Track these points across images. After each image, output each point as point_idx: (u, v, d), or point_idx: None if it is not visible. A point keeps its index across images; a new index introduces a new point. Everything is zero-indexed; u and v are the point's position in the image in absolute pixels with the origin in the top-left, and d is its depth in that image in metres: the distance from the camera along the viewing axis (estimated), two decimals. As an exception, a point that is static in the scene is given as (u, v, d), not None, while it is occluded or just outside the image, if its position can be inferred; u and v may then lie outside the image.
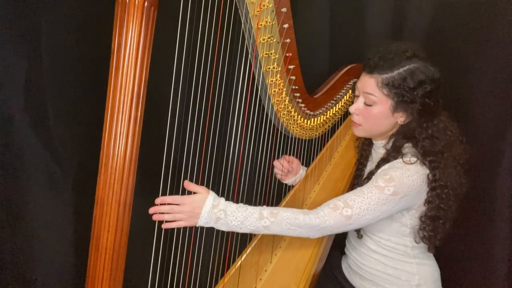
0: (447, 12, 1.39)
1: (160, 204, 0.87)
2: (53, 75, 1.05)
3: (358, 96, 1.05)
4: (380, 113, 1.01)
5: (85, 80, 1.12)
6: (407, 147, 1.02)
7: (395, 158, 1.00)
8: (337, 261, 1.24)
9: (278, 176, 1.31)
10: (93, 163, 0.77)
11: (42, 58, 1.02)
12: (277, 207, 0.98)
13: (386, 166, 0.99)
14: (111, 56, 0.70)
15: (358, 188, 0.98)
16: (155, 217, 0.87)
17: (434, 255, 1.12)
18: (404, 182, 0.94)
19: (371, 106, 1.01)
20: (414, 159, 0.97)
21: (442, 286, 1.12)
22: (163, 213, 0.87)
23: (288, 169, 1.31)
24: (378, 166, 1.02)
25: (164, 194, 0.84)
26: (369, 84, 1.00)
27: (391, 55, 0.97)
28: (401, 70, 0.96)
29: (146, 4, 0.68)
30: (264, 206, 0.96)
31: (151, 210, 0.87)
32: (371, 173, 1.03)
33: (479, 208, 1.31)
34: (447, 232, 1.02)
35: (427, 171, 0.97)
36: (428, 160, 0.97)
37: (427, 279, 1.07)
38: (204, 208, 0.89)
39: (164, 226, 0.88)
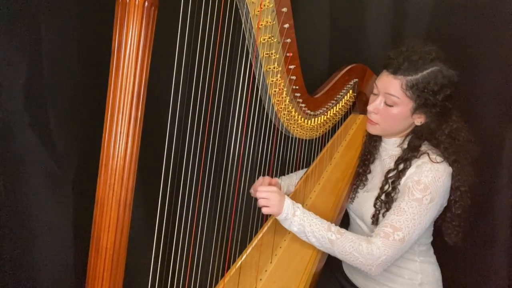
0: (447, 12, 1.39)
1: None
2: (53, 75, 1.05)
3: (376, 95, 1.04)
4: (399, 114, 1.01)
5: (85, 80, 1.11)
6: (424, 145, 1.03)
7: (415, 157, 1.00)
8: (337, 260, 1.23)
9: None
10: (93, 163, 0.77)
11: (42, 58, 1.02)
12: (342, 228, 1.02)
13: (413, 170, 0.99)
14: (111, 56, 0.70)
15: (395, 206, 0.98)
16: (254, 193, 1.09)
17: (435, 255, 1.12)
18: (437, 186, 0.95)
19: (392, 106, 1.01)
20: (439, 158, 0.98)
21: (443, 286, 1.12)
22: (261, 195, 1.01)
23: None
24: (397, 164, 1.03)
25: (164, 194, 0.84)
26: (392, 85, 0.99)
27: (416, 57, 0.97)
28: (425, 72, 0.96)
29: (146, 4, 0.67)
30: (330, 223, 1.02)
31: (254, 189, 1.12)
32: (388, 172, 1.04)
33: (479, 208, 1.31)
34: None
35: (451, 169, 0.98)
36: (452, 160, 0.99)
37: (430, 278, 1.07)
38: (286, 201, 1.01)
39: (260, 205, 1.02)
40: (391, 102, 1.00)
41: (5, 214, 1.03)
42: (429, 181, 0.95)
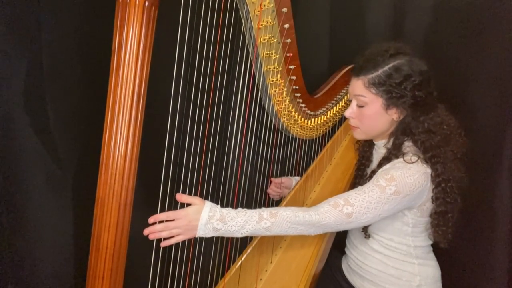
0: (447, 12, 1.39)
1: (155, 223, 0.86)
2: (54, 75, 1.05)
3: (351, 101, 1.07)
4: (373, 113, 1.02)
5: (86, 80, 1.12)
6: (408, 146, 1.02)
7: (397, 157, 1.00)
8: (337, 261, 1.24)
9: (277, 198, 1.37)
10: (94, 163, 0.77)
11: (42, 58, 1.02)
12: (276, 207, 0.98)
13: (388, 165, 0.99)
14: (111, 56, 0.70)
15: (360, 187, 0.98)
16: (151, 237, 0.85)
17: (435, 255, 1.12)
18: (406, 181, 0.94)
19: (364, 107, 1.03)
20: (415, 158, 0.97)
21: (442, 286, 1.12)
22: (160, 231, 0.86)
23: (283, 187, 1.36)
24: (380, 165, 1.03)
25: (164, 193, 0.84)
26: (357, 86, 1.02)
27: (373, 56, 1.00)
28: (386, 68, 0.98)
29: (146, 4, 0.68)
30: (263, 208, 0.96)
31: (146, 231, 0.86)
32: (373, 172, 1.03)
33: (479, 208, 1.31)
34: (456, 224, 1.03)
35: (429, 170, 0.97)
36: (428, 156, 0.97)
37: (428, 280, 1.07)
38: (201, 221, 0.88)
39: (162, 244, 0.86)
40: (361, 103, 1.03)
41: (5, 214, 1.03)
42: (397, 174, 0.94)
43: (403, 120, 1.02)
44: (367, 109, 1.02)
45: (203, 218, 0.88)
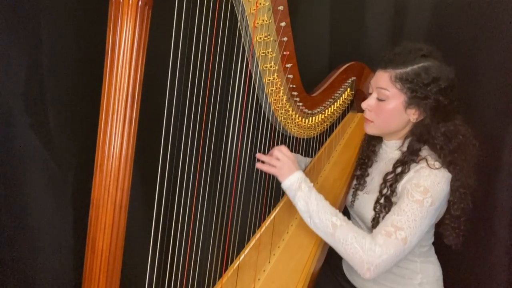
0: (448, 12, 1.38)
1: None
2: (53, 75, 1.05)
3: (371, 94, 1.05)
4: (393, 108, 1.00)
5: (85, 80, 1.11)
6: (425, 150, 1.01)
7: (414, 161, 0.99)
8: (337, 261, 1.23)
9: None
10: (92, 164, 0.76)
11: (42, 58, 1.02)
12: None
13: (411, 173, 0.98)
14: (105, 57, 0.69)
15: (395, 208, 0.95)
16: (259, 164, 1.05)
17: (436, 254, 1.12)
18: (437, 190, 0.93)
19: (384, 101, 1.01)
20: (438, 164, 0.96)
21: (443, 285, 1.12)
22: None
23: None
24: (395, 167, 1.01)
25: (160, 194, 0.83)
26: (382, 78, 1.00)
27: (406, 52, 0.99)
28: (415, 66, 0.97)
29: (140, 3, 0.67)
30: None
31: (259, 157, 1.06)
32: (388, 175, 1.02)
33: (480, 208, 1.30)
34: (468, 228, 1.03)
35: (450, 175, 0.96)
36: (448, 161, 0.96)
37: (430, 278, 1.07)
38: (298, 173, 1.02)
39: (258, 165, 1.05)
40: (383, 96, 1.00)
41: (5, 214, 1.03)
42: (428, 184, 0.93)
43: (420, 123, 1.00)
44: (387, 104, 1.00)
45: (299, 173, 1.02)
